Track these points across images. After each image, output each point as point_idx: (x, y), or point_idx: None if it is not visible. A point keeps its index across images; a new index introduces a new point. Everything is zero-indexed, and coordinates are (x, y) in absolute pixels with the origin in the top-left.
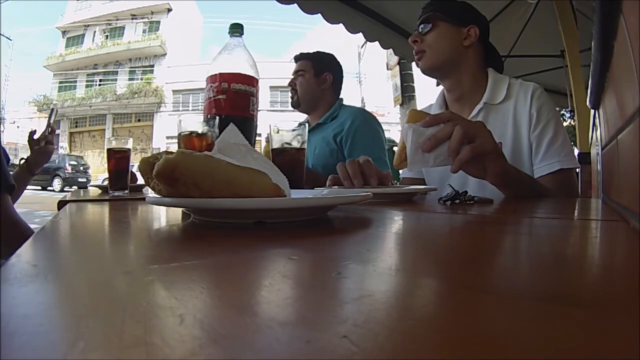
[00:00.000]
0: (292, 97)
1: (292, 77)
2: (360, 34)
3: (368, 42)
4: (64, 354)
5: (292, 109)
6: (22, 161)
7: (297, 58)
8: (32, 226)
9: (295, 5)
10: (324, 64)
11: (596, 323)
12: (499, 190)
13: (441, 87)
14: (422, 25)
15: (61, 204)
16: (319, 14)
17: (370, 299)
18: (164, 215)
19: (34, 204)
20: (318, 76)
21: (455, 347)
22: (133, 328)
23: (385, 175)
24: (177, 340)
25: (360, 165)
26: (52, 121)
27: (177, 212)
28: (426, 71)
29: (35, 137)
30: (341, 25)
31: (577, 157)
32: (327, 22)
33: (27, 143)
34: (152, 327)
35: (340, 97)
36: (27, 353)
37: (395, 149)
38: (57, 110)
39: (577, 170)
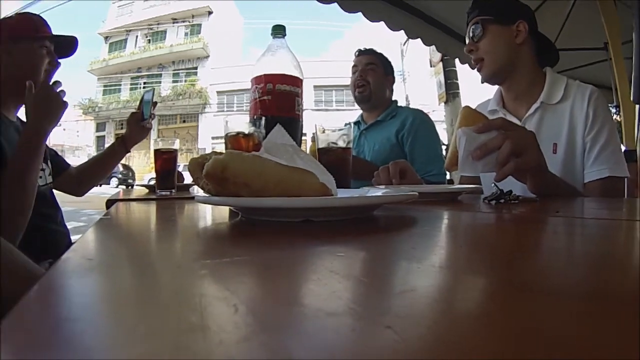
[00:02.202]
0: (361, 91)
1: (356, 68)
2: (402, 31)
3: (410, 40)
4: (125, 338)
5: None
6: (117, 138)
7: (365, 52)
8: (78, 224)
9: (334, 4)
10: (390, 66)
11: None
12: None
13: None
14: (472, 32)
15: (110, 202)
16: (359, 13)
17: (413, 293)
18: (211, 214)
19: (81, 203)
20: (387, 75)
21: (496, 340)
22: (190, 315)
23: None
24: (232, 326)
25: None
26: (155, 100)
27: (224, 211)
28: (487, 79)
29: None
30: (381, 23)
31: (624, 154)
32: (368, 20)
33: (126, 122)
34: (208, 315)
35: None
36: (89, 337)
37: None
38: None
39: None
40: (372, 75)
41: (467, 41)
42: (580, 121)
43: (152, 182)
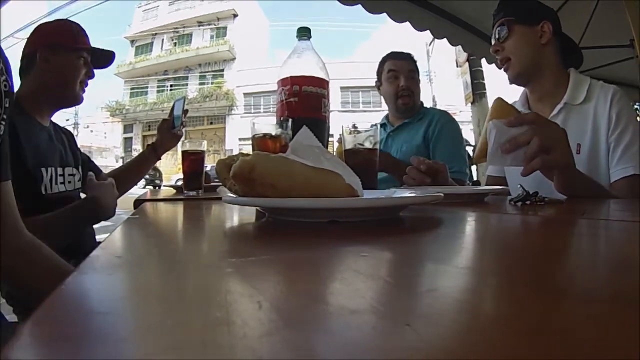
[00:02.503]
0: (406, 102)
1: (396, 74)
2: (428, 31)
3: (436, 40)
4: (153, 331)
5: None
6: (148, 145)
7: (407, 57)
8: (106, 224)
9: (359, 6)
10: (418, 68)
11: None
12: None
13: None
14: (498, 33)
15: (137, 202)
16: (384, 14)
17: (435, 293)
18: (238, 214)
19: None
20: (419, 79)
21: (516, 341)
22: (215, 310)
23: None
24: (256, 322)
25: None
26: (186, 108)
27: (251, 211)
28: (514, 80)
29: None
30: (407, 23)
31: None
32: (393, 20)
33: (156, 130)
34: (233, 310)
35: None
36: (118, 329)
37: (468, 148)
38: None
39: None
40: (415, 85)
41: (492, 42)
42: (603, 122)
43: (180, 183)
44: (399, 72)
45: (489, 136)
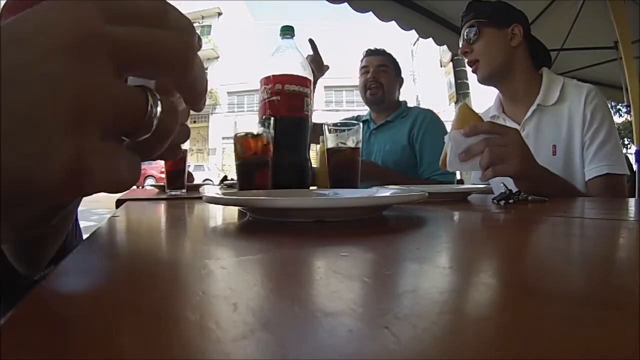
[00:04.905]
0: (374, 93)
1: (367, 69)
2: (413, 30)
3: (420, 40)
4: (122, 336)
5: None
6: None
7: (376, 52)
8: (88, 224)
9: (345, 4)
10: (399, 67)
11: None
12: None
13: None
14: (467, 34)
15: (119, 202)
16: (370, 12)
17: (413, 294)
18: (221, 214)
19: (91, 202)
20: (397, 76)
21: (495, 342)
22: (189, 313)
23: None
24: (229, 325)
25: None
26: None
27: (233, 211)
28: (483, 81)
29: None
30: (391, 25)
31: (635, 154)
32: (379, 19)
33: None
34: (207, 313)
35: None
36: (85, 335)
37: None
38: None
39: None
40: (385, 77)
41: (460, 44)
42: (578, 122)
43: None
44: (369, 67)
45: (447, 147)
